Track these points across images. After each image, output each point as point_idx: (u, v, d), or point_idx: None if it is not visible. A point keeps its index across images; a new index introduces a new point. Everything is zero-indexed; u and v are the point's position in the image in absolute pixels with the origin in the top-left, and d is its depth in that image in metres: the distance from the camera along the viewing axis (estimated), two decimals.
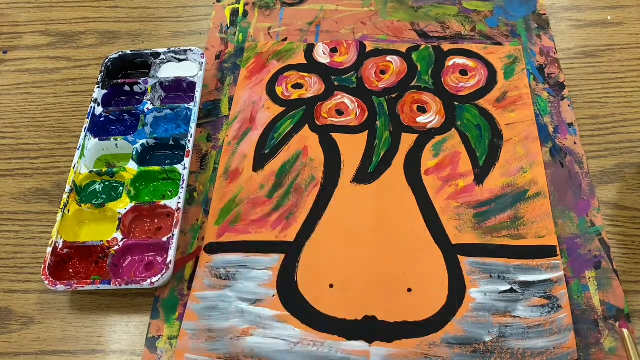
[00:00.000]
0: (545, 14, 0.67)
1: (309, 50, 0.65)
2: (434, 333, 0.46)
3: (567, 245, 0.51)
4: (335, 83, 0.62)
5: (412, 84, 0.62)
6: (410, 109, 0.60)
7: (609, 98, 0.60)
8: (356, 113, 0.60)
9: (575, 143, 0.57)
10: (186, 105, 0.58)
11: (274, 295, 0.49)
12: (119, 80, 0.61)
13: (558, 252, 0.50)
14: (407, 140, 0.57)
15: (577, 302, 0.48)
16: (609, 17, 0.67)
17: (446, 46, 0.64)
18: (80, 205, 0.53)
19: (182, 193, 0.52)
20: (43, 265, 0.49)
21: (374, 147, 0.57)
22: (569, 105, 0.59)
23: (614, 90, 0.61)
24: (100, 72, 0.61)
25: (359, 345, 0.46)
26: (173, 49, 0.62)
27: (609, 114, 0.59)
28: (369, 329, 0.47)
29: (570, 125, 0.58)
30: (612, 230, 0.52)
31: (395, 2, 0.69)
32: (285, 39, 0.66)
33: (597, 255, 0.50)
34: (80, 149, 0.55)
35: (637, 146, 0.57)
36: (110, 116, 0.59)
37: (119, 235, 0.51)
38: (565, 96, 0.60)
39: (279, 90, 0.62)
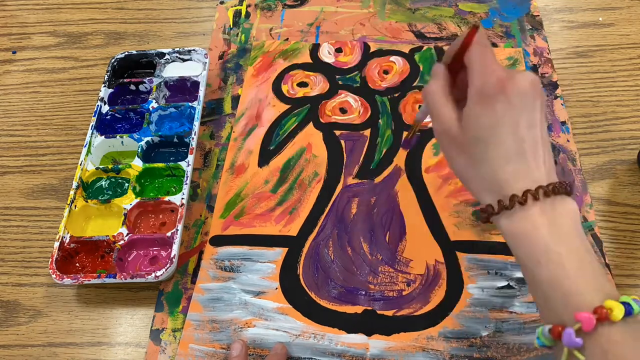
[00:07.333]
0: (538, 16, 0.65)
1: (314, 50, 0.64)
2: (431, 327, 0.45)
3: None
4: (340, 82, 0.61)
5: (414, 84, 0.60)
6: (412, 108, 0.58)
7: (601, 97, 0.59)
8: (359, 111, 0.58)
9: (568, 141, 0.55)
10: (190, 104, 0.57)
11: (276, 288, 0.48)
12: (125, 80, 0.60)
13: None
14: None
15: None
16: (600, 19, 0.65)
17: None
18: (87, 201, 0.51)
19: (185, 189, 0.51)
20: (50, 260, 0.48)
21: (376, 145, 0.56)
22: (562, 104, 0.58)
23: (606, 89, 0.60)
24: (107, 71, 0.60)
25: (358, 338, 0.45)
26: (177, 49, 0.61)
27: (600, 112, 0.58)
28: (369, 323, 0.46)
29: (563, 123, 0.57)
30: (604, 226, 0.51)
31: (393, 4, 0.67)
32: (287, 40, 0.65)
33: None
34: (87, 146, 0.54)
35: (628, 143, 0.56)
36: (116, 114, 0.57)
37: (124, 230, 0.49)
38: (558, 95, 0.59)
39: (284, 88, 0.61)
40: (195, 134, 0.54)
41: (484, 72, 0.36)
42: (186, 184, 0.51)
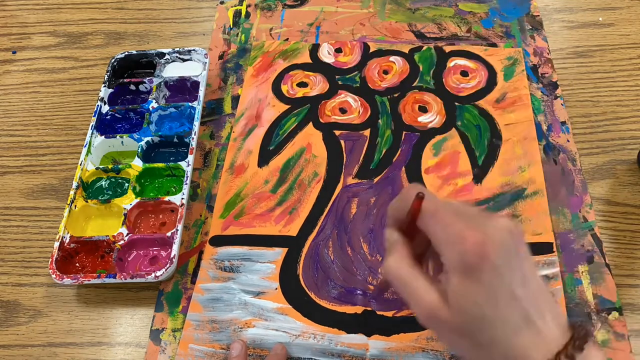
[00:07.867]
0: (538, 16, 0.65)
1: (314, 50, 0.63)
2: None
3: (561, 241, 0.49)
4: (339, 82, 0.61)
5: (414, 84, 0.60)
6: (411, 108, 0.58)
7: (601, 97, 0.59)
8: (359, 111, 0.58)
9: (568, 141, 0.55)
10: (190, 104, 0.57)
11: (276, 288, 0.48)
12: (125, 80, 0.60)
13: (554, 249, 0.48)
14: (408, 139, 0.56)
15: (571, 296, 0.46)
16: (600, 19, 0.65)
17: (448, 47, 0.63)
18: (87, 201, 0.51)
19: (185, 189, 0.51)
20: (50, 260, 0.48)
21: (376, 145, 0.56)
22: (562, 104, 0.58)
23: (606, 89, 0.59)
24: (107, 71, 0.60)
25: (358, 338, 0.45)
26: (177, 49, 0.61)
27: (600, 112, 0.58)
28: (368, 323, 0.46)
29: (563, 123, 0.56)
30: (604, 226, 0.51)
31: (393, 4, 0.67)
32: (287, 40, 0.65)
33: (590, 250, 0.49)
34: (87, 146, 0.54)
35: (628, 143, 0.56)
36: (116, 114, 0.57)
37: (124, 230, 0.49)
38: (558, 95, 0.59)
39: (284, 88, 0.61)
40: (195, 134, 0.54)
41: (452, 241, 0.31)
42: (186, 184, 0.51)
